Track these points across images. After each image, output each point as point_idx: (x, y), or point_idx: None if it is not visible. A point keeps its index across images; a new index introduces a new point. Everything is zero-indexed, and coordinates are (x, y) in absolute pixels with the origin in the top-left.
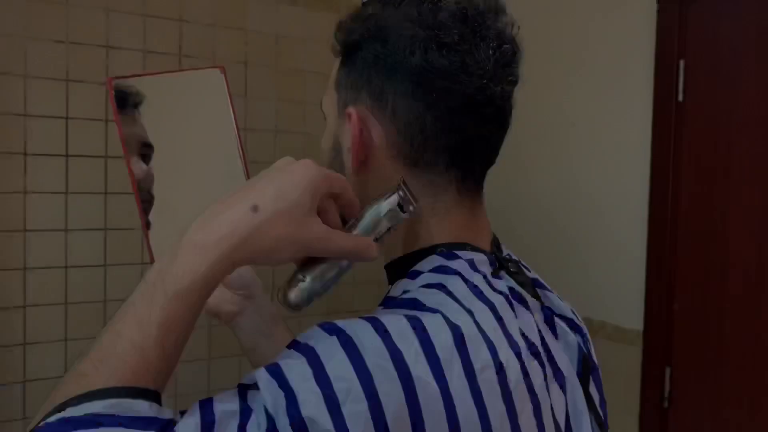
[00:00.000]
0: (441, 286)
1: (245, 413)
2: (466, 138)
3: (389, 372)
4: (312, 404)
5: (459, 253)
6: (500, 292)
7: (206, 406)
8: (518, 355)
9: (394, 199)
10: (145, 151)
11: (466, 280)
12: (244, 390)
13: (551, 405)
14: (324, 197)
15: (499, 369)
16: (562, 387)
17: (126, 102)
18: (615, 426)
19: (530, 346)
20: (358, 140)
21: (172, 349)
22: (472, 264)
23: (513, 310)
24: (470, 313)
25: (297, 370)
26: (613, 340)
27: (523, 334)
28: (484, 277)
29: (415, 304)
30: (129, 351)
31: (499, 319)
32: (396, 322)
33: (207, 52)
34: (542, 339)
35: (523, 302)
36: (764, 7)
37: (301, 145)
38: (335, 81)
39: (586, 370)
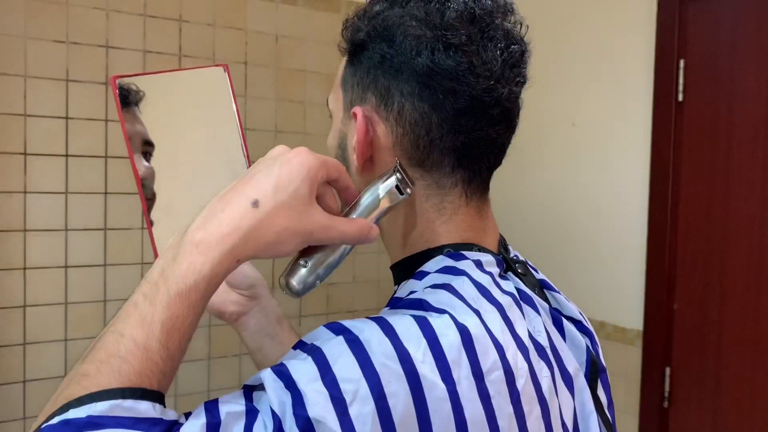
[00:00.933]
0: (448, 287)
1: (251, 414)
2: (472, 139)
3: (396, 372)
4: (319, 405)
5: (466, 253)
6: (508, 293)
7: (211, 408)
8: (526, 356)
9: (391, 180)
10: (147, 149)
11: (473, 281)
12: (250, 391)
13: (559, 407)
14: (321, 183)
15: (507, 371)
16: (570, 389)
17: (129, 100)
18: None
19: (538, 347)
20: (363, 139)
21: (176, 349)
22: (479, 265)
23: (521, 311)
24: (478, 313)
25: (303, 370)
26: (613, 340)
27: (530, 336)
28: (492, 277)
29: (422, 305)
30: (132, 351)
31: (507, 320)
32: (403, 322)
33: (207, 52)
34: (550, 340)
35: (531, 303)
36: (764, 7)
37: (300, 145)
38: (341, 80)
39: (594, 372)
